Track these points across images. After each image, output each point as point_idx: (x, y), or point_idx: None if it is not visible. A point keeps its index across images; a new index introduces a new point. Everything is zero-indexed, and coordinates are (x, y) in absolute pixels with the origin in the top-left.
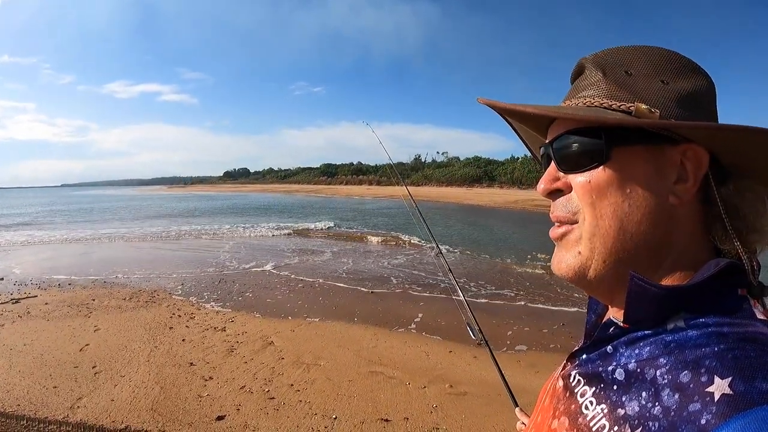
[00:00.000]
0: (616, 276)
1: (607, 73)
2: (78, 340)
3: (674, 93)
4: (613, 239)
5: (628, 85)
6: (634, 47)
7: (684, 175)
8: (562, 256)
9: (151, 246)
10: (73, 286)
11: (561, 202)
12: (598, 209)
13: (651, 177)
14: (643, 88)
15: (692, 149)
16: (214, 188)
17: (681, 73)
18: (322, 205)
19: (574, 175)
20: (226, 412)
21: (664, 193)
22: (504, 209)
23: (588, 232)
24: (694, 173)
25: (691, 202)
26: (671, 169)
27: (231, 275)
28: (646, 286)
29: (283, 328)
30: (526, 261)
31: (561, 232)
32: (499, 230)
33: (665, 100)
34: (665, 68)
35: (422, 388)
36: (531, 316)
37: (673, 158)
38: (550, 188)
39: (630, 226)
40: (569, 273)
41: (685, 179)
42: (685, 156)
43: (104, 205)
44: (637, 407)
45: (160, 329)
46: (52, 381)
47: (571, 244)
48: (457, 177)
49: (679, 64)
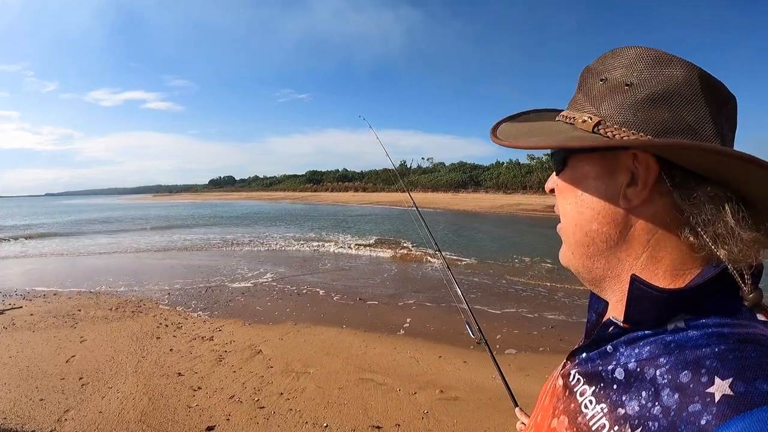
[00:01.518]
0: (589, 270)
1: (584, 82)
2: (64, 351)
3: (632, 96)
4: (573, 234)
5: (592, 93)
6: (620, 49)
7: (636, 179)
8: (561, 249)
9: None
10: (58, 296)
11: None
12: (563, 208)
13: (601, 179)
14: (600, 95)
15: (640, 154)
16: (200, 196)
17: (650, 71)
18: (318, 212)
19: (556, 177)
20: (215, 422)
21: (615, 195)
22: (491, 214)
23: (563, 229)
24: (643, 177)
25: (656, 203)
26: (623, 173)
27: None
28: (647, 290)
29: (272, 336)
30: (515, 264)
31: (558, 227)
32: (486, 235)
33: (617, 104)
34: (632, 68)
35: (413, 394)
36: (520, 319)
37: (625, 162)
38: (548, 187)
39: (584, 224)
40: (562, 262)
41: (637, 183)
42: (637, 160)
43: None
44: (637, 407)
45: (147, 339)
46: (38, 393)
47: (563, 239)
48: (443, 182)
49: (649, 62)
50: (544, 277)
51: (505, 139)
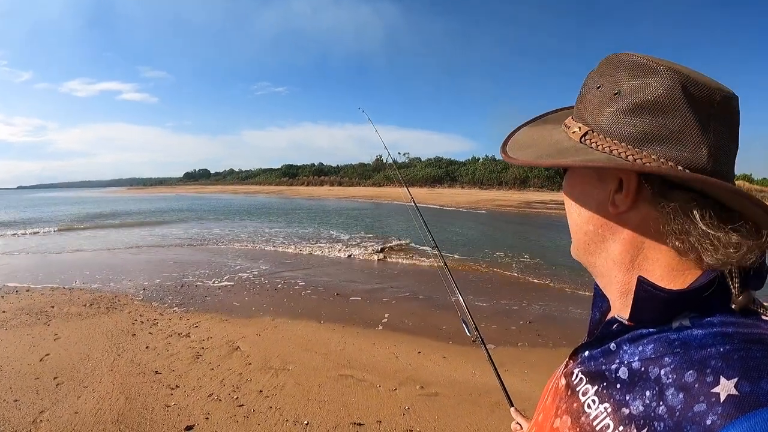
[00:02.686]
0: (592, 263)
1: (582, 89)
2: (38, 349)
3: (618, 106)
4: (575, 234)
5: (585, 101)
6: (615, 57)
7: (622, 186)
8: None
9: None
10: (31, 292)
11: None
12: (567, 209)
13: (593, 186)
14: (591, 103)
15: None
16: (174, 190)
17: (635, 80)
18: (295, 206)
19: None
20: (194, 421)
21: (604, 201)
22: (467, 210)
23: (570, 227)
24: (626, 185)
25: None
26: (612, 180)
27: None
28: (653, 291)
29: (249, 332)
30: (493, 260)
31: None
32: (463, 230)
33: (603, 115)
34: (623, 76)
35: (393, 390)
36: (498, 314)
37: (613, 170)
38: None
39: (582, 225)
40: (573, 256)
41: (621, 189)
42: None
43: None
44: (641, 407)
45: (122, 336)
46: (12, 394)
47: None
48: (418, 177)
49: (639, 69)
50: (521, 272)
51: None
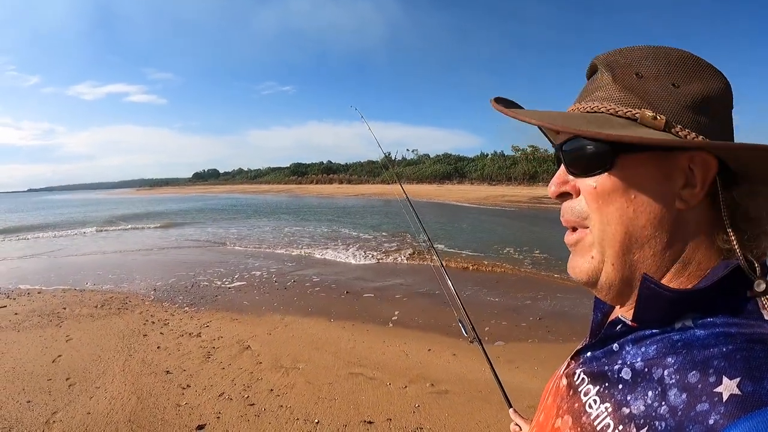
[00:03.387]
0: (626, 279)
1: (617, 75)
2: (50, 351)
3: (684, 97)
4: (620, 244)
5: (637, 88)
6: (647, 47)
7: (692, 180)
8: (577, 262)
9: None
10: (43, 294)
11: (569, 205)
12: (605, 214)
13: (657, 182)
14: (652, 92)
15: (700, 155)
16: (183, 190)
17: (693, 75)
18: (305, 205)
19: (582, 179)
20: (206, 420)
21: (670, 198)
22: (477, 206)
23: (597, 237)
24: (701, 179)
25: (699, 206)
26: (678, 174)
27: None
28: (658, 290)
29: (260, 332)
30: (502, 256)
31: (575, 238)
32: (473, 226)
33: (674, 105)
34: (676, 70)
35: (403, 388)
36: (508, 311)
37: (681, 163)
38: (558, 191)
39: (635, 230)
40: (583, 277)
41: (693, 184)
42: (693, 161)
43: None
44: (642, 406)
45: (134, 337)
46: (25, 395)
47: (585, 250)
48: (427, 174)
49: (691, 65)
50: (531, 268)
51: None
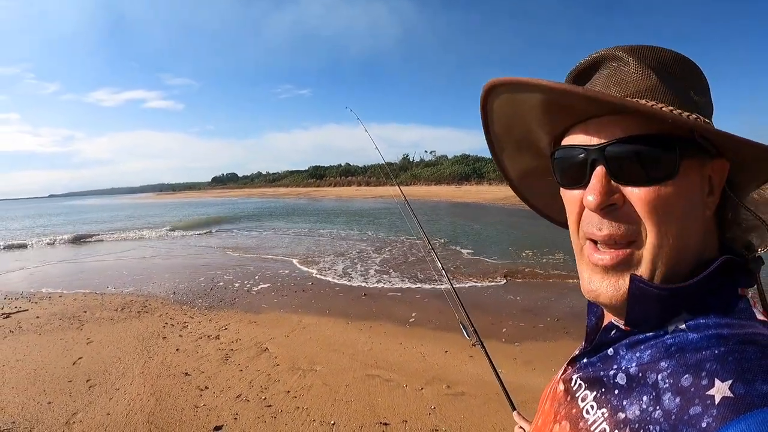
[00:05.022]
0: None
1: (661, 75)
2: (71, 353)
3: (708, 107)
4: (675, 258)
5: (683, 93)
6: (666, 50)
7: (711, 188)
8: (618, 283)
9: None
10: (63, 298)
11: (613, 216)
12: (665, 227)
13: (699, 191)
14: (696, 99)
15: (721, 163)
16: (204, 194)
17: (704, 86)
18: (321, 208)
19: (637, 188)
20: (223, 421)
21: (703, 207)
22: (494, 205)
23: (651, 253)
24: (718, 185)
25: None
26: (706, 183)
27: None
28: (646, 288)
29: (277, 334)
30: (521, 256)
31: (622, 257)
32: (490, 227)
33: (707, 113)
34: (695, 80)
35: (419, 389)
36: (526, 311)
37: (707, 172)
38: (608, 201)
39: (688, 241)
40: (623, 300)
41: (712, 191)
42: (713, 169)
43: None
44: (637, 411)
45: (153, 339)
46: (46, 396)
47: (630, 269)
48: (445, 175)
49: (702, 78)
50: (550, 268)
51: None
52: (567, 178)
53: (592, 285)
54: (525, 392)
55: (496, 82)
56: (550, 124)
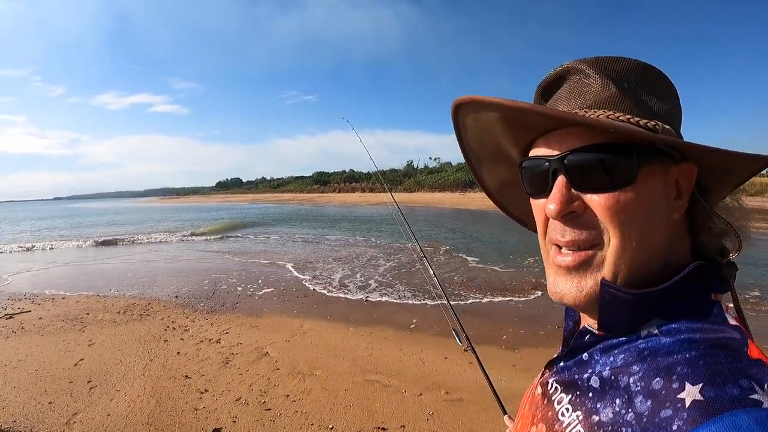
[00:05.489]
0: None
1: (621, 86)
2: (73, 354)
3: (672, 113)
4: (639, 261)
5: (643, 101)
6: (630, 60)
7: (679, 192)
8: (576, 284)
9: None
10: (66, 299)
11: (575, 223)
12: (626, 231)
13: (662, 195)
14: (656, 106)
15: (688, 167)
16: (209, 199)
17: (669, 93)
18: (325, 214)
19: (596, 195)
20: (222, 424)
21: (669, 211)
22: (496, 212)
23: (614, 255)
24: (686, 190)
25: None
26: (671, 187)
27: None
28: (617, 293)
29: (278, 338)
30: (522, 263)
31: (580, 259)
32: (493, 234)
33: (670, 119)
34: (658, 87)
35: (418, 395)
36: (527, 318)
37: (673, 176)
38: (567, 210)
39: (652, 245)
40: (584, 301)
41: (680, 195)
42: (680, 173)
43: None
44: (611, 413)
45: (154, 342)
46: (47, 397)
47: (592, 270)
48: (449, 182)
49: (667, 85)
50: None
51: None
52: (533, 188)
53: (557, 287)
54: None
55: (459, 101)
56: (514, 138)
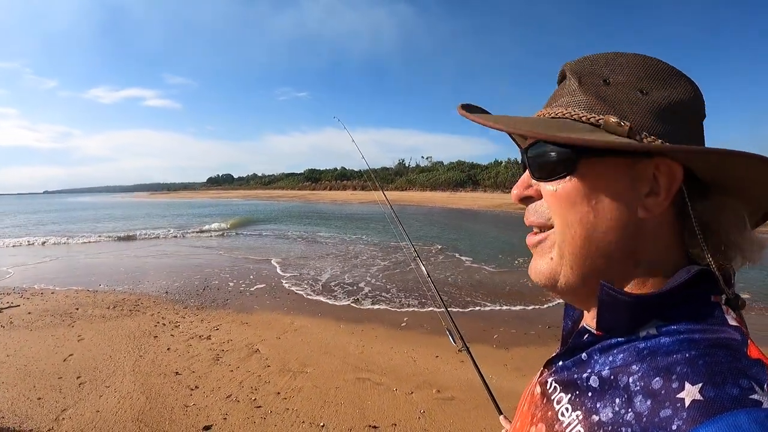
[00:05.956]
0: (586, 283)
1: (583, 81)
2: (62, 350)
3: (652, 104)
4: (580, 248)
5: (603, 94)
6: (615, 54)
7: (656, 189)
8: (537, 263)
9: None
10: (56, 294)
11: (533, 208)
12: (566, 218)
13: (620, 188)
14: (619, 99)
15: (665, 164)
16: (199, 194)
17: (662, 81)
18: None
19: (544, 183)
20: (212, 421)
21: (633, 206)
22: (486, 212)
23: (558, 240)
24: (666, 187)
25: (666, 214)
26: (643, 182)
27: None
28: (616, 295)
29: (269, 336)
30: (512, 263)
31: (537, 239)
32: (483, 234)
33: (640, 111)
34: (645, 76)
35: (409, 393)
36: (517, 318)
37: (646, 171)
38: (521, 194)
39: (596, 236)
40: (541, 279)
41: (657, 193)
42: (658, 170)
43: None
44: (610, 413)
45: (144, 338)
46: (36, 392)
47: (545, 251)
48: (441, 181)
49: (660, 73)
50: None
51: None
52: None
53: (530, 265)
54: (515, 398)
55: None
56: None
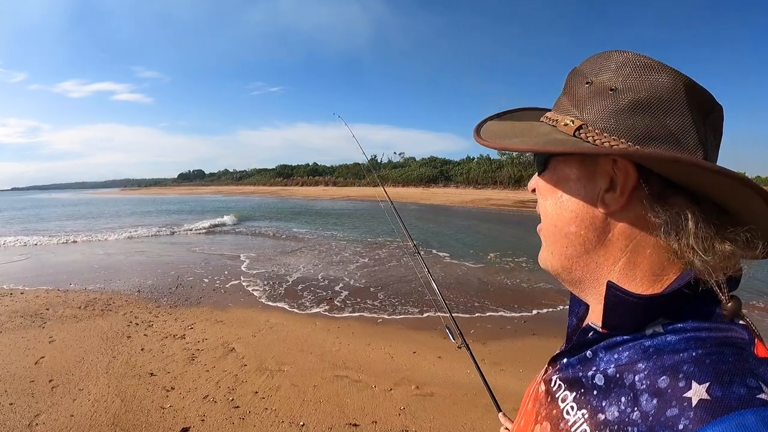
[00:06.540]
0: (566, 270)
1: (568, 84)
2: (33, 352)
3: (616, 101)
4: (552, 236)
5: (579, 96)
6: (608, 53)
7: (615, 185)
8: (540, 251)
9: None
10: (25, 294)
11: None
12: (543, 209)
13: (580, 184)
14: (586, 98)
15: (621, 161)
16: (170, 190)
17: (637, 77)
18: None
19: (537, 178)
20: (190, 423)
21: (593, 200)
22: (461, 208)
23: (543, 229)
24: (622, 184)
25: (635, 209)
26: (602, 178)
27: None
28: (623, 296)
29: (244, 334)
30: (487, 258)
31: (538, 228)
32: (457, 229)
33: (599, 109)
34: (622, 74)
35: (388, 390)
36: (493, 313)
37: (605, 168)
38: (530, 187)
39: (562, 226)
40: (541, 264)
41: (615, 188)
42: (616, 166)
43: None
44: (616, 412)
45: (117, 339)
46: (7, 397)
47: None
48: (413, 177)
49: (639, 69)
50: (516, 271)
51: (488, 138)
52: None
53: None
54: (495, 393)
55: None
56: None
